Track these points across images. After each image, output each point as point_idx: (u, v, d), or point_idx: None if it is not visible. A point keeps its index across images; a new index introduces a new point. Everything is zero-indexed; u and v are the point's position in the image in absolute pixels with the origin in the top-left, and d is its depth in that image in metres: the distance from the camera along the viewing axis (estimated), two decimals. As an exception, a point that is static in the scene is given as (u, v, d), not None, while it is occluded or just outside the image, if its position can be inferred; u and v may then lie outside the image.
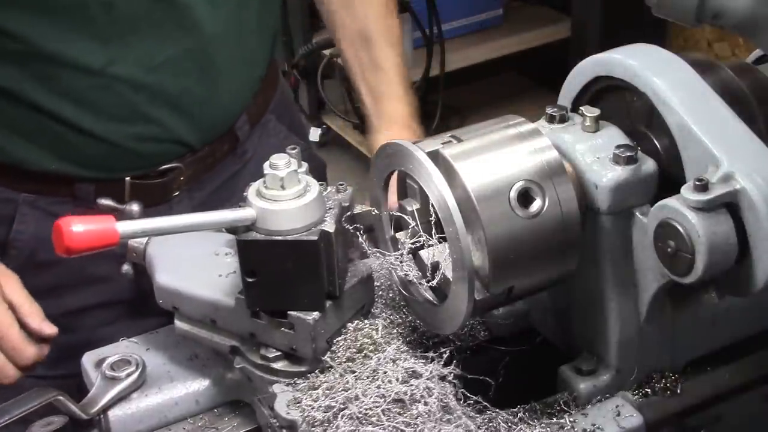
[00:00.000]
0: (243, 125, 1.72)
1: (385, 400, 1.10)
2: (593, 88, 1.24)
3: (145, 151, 1.59)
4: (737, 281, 1.10)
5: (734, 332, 1.31)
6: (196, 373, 1.33)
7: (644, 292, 1.18)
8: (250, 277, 1.16)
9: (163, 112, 1.58)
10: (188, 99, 1.59)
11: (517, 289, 1.14)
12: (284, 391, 1.18)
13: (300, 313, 1.17)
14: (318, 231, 1.15)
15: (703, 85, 1.15)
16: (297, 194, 1.15)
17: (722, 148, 1.09)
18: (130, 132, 1.57)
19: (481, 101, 4.37)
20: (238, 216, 1.15)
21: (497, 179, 1.10)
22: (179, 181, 1.65)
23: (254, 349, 1.23)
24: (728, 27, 1.17)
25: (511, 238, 1.09)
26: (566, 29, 4.13)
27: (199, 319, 1.26)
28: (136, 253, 1.37)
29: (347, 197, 1.22)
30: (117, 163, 1.59)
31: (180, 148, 1.63)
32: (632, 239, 1.17)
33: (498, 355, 1.31)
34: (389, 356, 1.16)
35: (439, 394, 1.11)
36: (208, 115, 1.63)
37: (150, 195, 1.61)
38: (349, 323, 1.22)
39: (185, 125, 1.61)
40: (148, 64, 1.54)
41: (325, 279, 1.16)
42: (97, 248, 1.07)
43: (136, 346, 1.38)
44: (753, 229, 1.06)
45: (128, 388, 1.29)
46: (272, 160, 1.16)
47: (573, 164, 1.16)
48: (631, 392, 1.24)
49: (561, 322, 1.30)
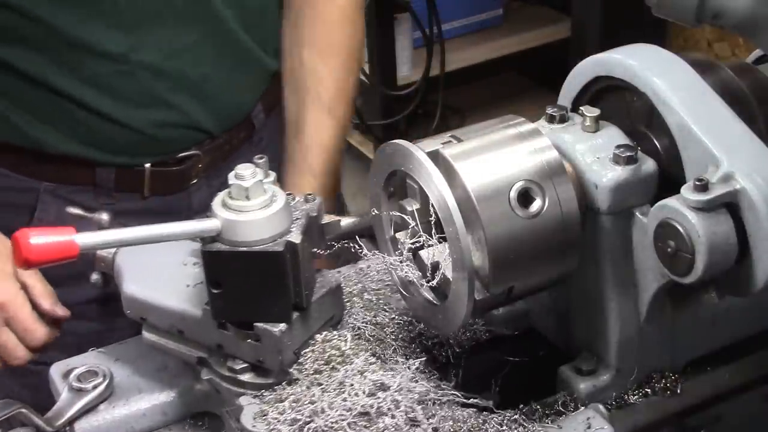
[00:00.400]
0: (258, 113, 1.74)
1: (351, 413, 1.09)
2: (593, 88, 1.24)
3: (164, 137, 1.61)
4: (737, 281, 1.10)
5: (734, 332, 1.31)
6: (165, 384, 1.31)
7: (644, 292, 1.18)
8: (216, 288, 1.15)
9: (183, 99, 1.59)
10: (207, 85, 1.61)
11: (517, 289, 1.14)
12: (251, 404, 1.16)
13: (266, 325, 1.15)
14: (284, 242, 1.13)
15: (703, 85, 1.15)
16: (262, 205, 1.13)
17: (722, 148, 1.09)
18: (150, 118, 1.59)
19: (481, 101, 4.36)
20: (202, 227, 1.13)
21: (497, 179, 1.10)
22: (197, 168, 1.66)
23: (222, 360, 1.21)
24: (728, 27, 1.17)
25: (511, 238, 1.09)
26: (566, 29, 4.13)
27: (167, 329, 1.25)
28: (104, 262, 1.34)
29: (315, 207, 1.20)
30: (137, 149, 1.61)
31: (199, 135, 1.65)
32: (632, 239, 1.17)
33: (498, 356, 1.31)
34: (356, 368, 1.14)
35: (406, 407, 1.10)
36: (226, 102, 1.65)
37: (169, 182, 1.63)
38: (318, 334, 1.20)
39: (204, 111, 1.62)
40: (168, 51, 1.56)
41: (291, 290, 1.15)
42: (57, 261, 1.06)
43: (105, 357, 1.35)
44: (753, 229, 1.06)
45: (95, 399, 1.27)
46: (237, 171, 1.14)
47: (573, 164, 1.16)
48: (631, 392, 1.24)
49: (561, 322, 1.30)
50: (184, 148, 1.65)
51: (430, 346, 1.31)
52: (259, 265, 1.13)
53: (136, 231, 1.13)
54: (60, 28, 1.49)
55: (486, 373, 1.27)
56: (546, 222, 1.11)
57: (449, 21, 4.09)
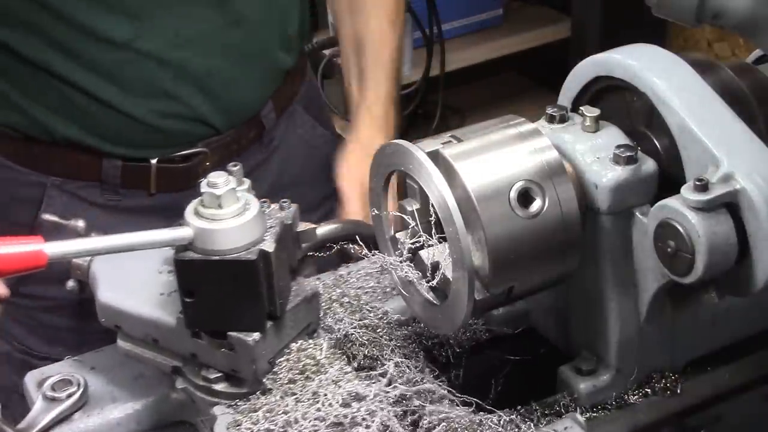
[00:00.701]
0: (269, 113, 1.72)
1: (324, 423, 1.08)
2: (593, 88, 1.24)
3: (168, 128, 1.60)
4: (737, 281, 1.10)
5: (734, 332, 1.31)
6: (140, 393, 1.29)
7: (644, 292, 1.18)
8: (188, 297, 1.13)
9: (187, 90, 1.58)
10: (213, 79, 1.60)
11: (517, 289, 1.14)
12: (225, 413, 1.16)
13: (240, 334, 1.14)
14: (257, 250, 1.12)
15: (703, 85, 1.15)
16: (235, 213, 1.12)
17: (722, 148, 1.09)
18: (152, 108, 1.57)
19: (481, 101, 4.36)
20: (174, 235, 1.12)
21: (497, 179, 1.10)
22: (204, 166, 1.65)
23: (196, 369, 1.20)
24: (728, 27, 1.17)
25: (511, 238, 1.09)
26: (566, 29, 4.13)
27: (142, 338, 1.24)
28: (80, 270, 1.32)
29: (290, 215, 1.19)
30: (141, 140, 1.60)
31: (204, 129, 1.63)
32: (632, 239, 1.17)
33: (498, 356, 1.31)
34: (331, 378, 1.13)
35: (382, 417, 1.09)
36: (233, 98, 1.64)
37: (175, 179, 1.62)
38: (293, 343, 1.19)
39: (209, 105, 1.61)
40: (174, 41, 1.54)
41: (264, 299, 1.14)
42: (24, 271, 1.05)
43: (80, 365, 1.34)
44: (753, 229, 1.06)
45: (69, 409, 1.26)
46: (210, 179, 1.13)
47: (573, 164, 1.16)
48: (631, 392, 1.24)
49: (561, 322, 1.30)
50: (189, 143, 1.64)
51: (430, 346, 1.31)
52: (231, 273, 1.12)
53: (106, 240, 1.12)
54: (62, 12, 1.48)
55: (486, 373, 1.27)
56: (546, 222, 1.11)
57: (449, 21, 4.09)
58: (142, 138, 1.60)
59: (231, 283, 1.12)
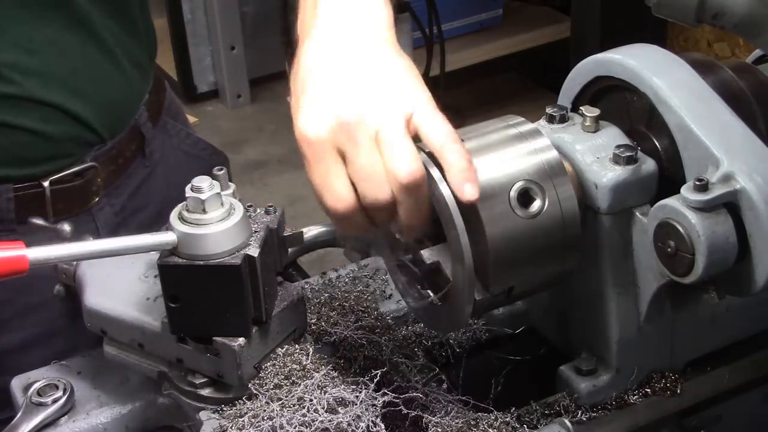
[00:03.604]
0: (146, 122, 1.67)
1: (310, 429, 1.08)
2: (593, 88, 1.24)
3: (53, 135, 1.52)
4: (737, 281, 1.10)
5: (734, 332, 1.31)
6: (126, 398, 1.28)
7: (644, 292, 1.18)
8: (173, 302, 1.13)
9: (59, 94, 1.52)
10: (79, 79, 1.55)
11: (517, 289, 1.14)
12: (210, 419, 1.15)
13: (225, 339, 1.13)
14: (241, 255, 1.11)
15: (703, 85, 1.15)
16: (220, 218, 1.11)
17: (722, 148, 1.09)
18: (30, 116, 1.52)
19: (481, 101, 4.37)
20: (158, 240, 1.11)
21: (497, 179, 1.10)
22: (97, 183, 1.60)
23: (182, 375, 1.19)
24: (728, 27, 1.17)
25: (511, 238, 1.09)
26: (566, 29, 4.13)
27: (127, 343, 1.23)
28: (66, 274, 1.32)
29: (276, 219, 1.18)
30: (31, 155, 1.55)
31: (88, 134, 1.57)
32: (632, 239, 1.17)
33: (498, 356, 1.31)
34: (316, 383, 1.13)
35: (368, 423, 1.09)
36: (104, 96, 1.58)
37: (71, 200, 1.56)
38: (279, 348, 1.18)
39: (84, 105, 1.55)
40: (28, 47, 1.50)
41: (249, 304, 1.13)
42: (5, 276, 1.04)
43: (67, 369, 1.33)
44: (753, 229, 1.06)
45: (54, 414, 1.24)
46: (194, 183, 1.12)
47: (573, 164, 1.16)
48: (631, 392, 1.24)
49: (561, 322, 1.30)
50: (77, 155, 1.58)
51: (430, 346, 1.31)
52: (216, 278, 1.11)
53: (89, 245, 1.11)
54: None
55: (486, 373, 1.27)
56: (546, 222, 1.11)
57: (449, 21, 4.10)
58: (33, 153, 1.53)
59: (216, 288, 1.11)
